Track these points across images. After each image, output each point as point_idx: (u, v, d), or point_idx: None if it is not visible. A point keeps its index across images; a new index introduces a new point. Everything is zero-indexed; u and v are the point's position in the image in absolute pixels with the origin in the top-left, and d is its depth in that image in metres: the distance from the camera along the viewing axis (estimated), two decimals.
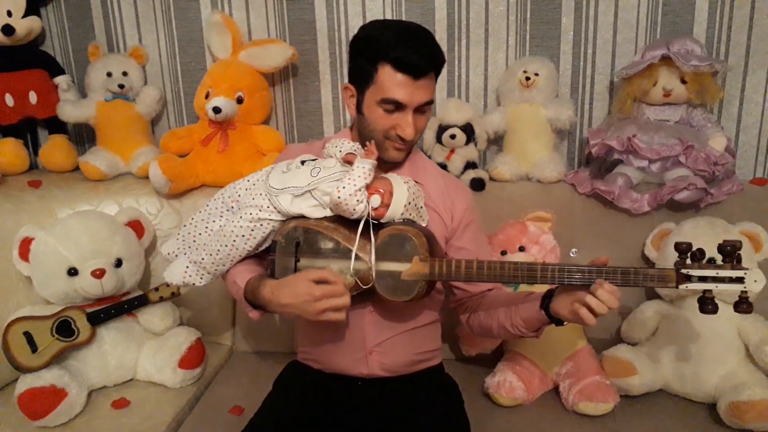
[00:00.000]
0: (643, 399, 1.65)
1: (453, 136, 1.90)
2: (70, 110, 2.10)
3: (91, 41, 2.18)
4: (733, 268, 1.18)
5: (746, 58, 1.92)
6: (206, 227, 1.49)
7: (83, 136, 2.32)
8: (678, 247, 1.20)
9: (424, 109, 1.36)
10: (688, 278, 1.19)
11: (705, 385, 1.60)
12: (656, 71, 1.82)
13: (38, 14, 2.13)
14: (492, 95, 2.07)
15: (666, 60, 1.80)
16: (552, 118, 1.93)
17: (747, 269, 1.17)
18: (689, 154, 1.76)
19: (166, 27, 2.16)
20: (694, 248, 1.20)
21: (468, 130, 1.92)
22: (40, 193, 2.00)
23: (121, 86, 2.08)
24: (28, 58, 2.15)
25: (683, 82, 1.81)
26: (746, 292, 1.18)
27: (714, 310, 1.20)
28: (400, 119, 1.34)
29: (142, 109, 2.13)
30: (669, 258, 1.66)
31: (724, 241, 1.19)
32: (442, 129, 1.93)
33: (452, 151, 1.94)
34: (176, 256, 1.52)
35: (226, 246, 1.42)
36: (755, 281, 1.17)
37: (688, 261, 1.20)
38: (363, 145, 1.42)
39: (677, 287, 1.20)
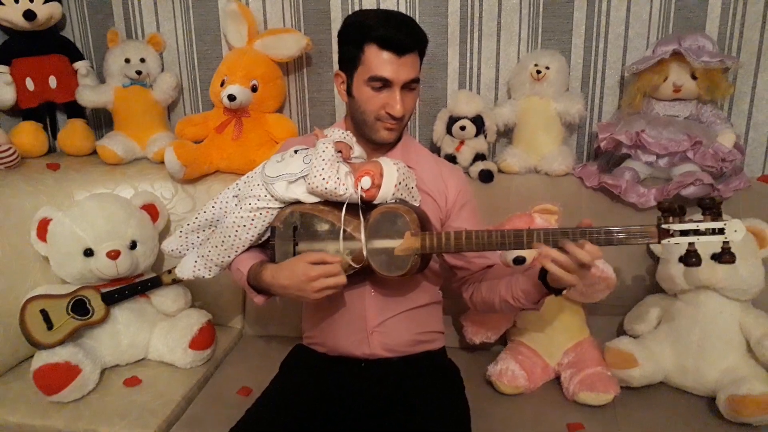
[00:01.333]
0: (643, 391, 1.67)
1: (463, 128, 1.92)
2: (88, 95, 2.15)
3: (110, 28, 2.22)
4: (713, 220, 1.21)
5: (758, 55, 1.91)
6: (210, 224, 1.56)
7: (101, 121, 2.37)
8: (660, 206, 1.25)
9: (412, 86, 1.42)
10: (669, 233, 1.23)
11: (706, 379, 1.61)
12: (667, 66, 1.82)
13: (59, 0, 2.17)
14: (503, 88, 2.08)
15: (677, 55, 1.81)
16: (562, 111, 1.94)
17: (727, 219, 1.20)
18: (697, 149, 1.76)
19: (184, 15, 2.19)
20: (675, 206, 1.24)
21: (478, 122, 1.93)
22: (58, 176, 2.05)
23: (139, 72, 2.12)
24: (48, 43, 2.19)
25: (694, 77, 1.82)
26: (728, 242, 1.21)
27: (697, 262, 1.25)
28: (389, 97, 1.40)
29: (158, 95, 2.17)
30: (674, 252, 1.68)
31: (703, 196, 1.23)
32: (452, 120, 1.95)
33: (462, 142, 1.96)
34: (179, 252, 1.59)
35: (229, 237, 1.47)
36: (735, 231, 1.20)
37: (671, 218, 1.24)
38: (357, 130, 1.49)
39: (659, 242, 1.24)
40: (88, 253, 1.77)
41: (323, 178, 1.36)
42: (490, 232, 1.32)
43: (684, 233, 1.23)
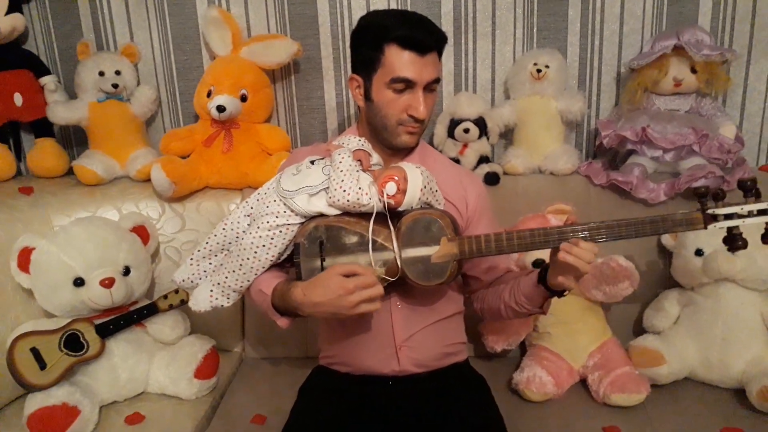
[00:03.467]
0: (670, 388, 1.66)
1: (467, 131, 1.87)
2: (61, 112, 1.99)
3: (78, 39, 2.06)
4: (756, 202, 1.21)
5: (749, 47, 1.94)
6: (222, 249, 1.45)
7: (71, 139, 2.21)
8: (697, 191, 1.24)
9: (432, 87, 1.38)
10: (715, 218, 1.22)
11: (732, 371, 1.61)
12: (667, 61, 1.83)
13: (20, 11, 2.01)
14: (500, 88, 2.05)
15: (676, 50, 1.81)
16: (563, 110, 1.92)
17: None
18: (703, 142, 1.77)
19: (160, 23, 2.06)
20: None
21: (481, 123, 1.89)
22: (33, 200, 1.89)
23: (115, 86, 1.98)
24: (11, 58, 2.02)
25: (693, 71, 1.83)
26: None
27: (744, 245, 1.24)
28: (411, 99, 1.35)
29: (137, 109, 2.03)
30: (688, 246, 1.68)
31: (742, 178, 1.22)
32: (454, 123, 1.90)
33: (465, 145, 1.91)
34: (191, 282, 1.47)
35: (248, 259, 1.37)
36: None
37: (710, 202, 1.23)
38: (375, 136, 1.42)
39: (706, 227, 1.23)
40: (79, 282, 1.63)
41: (344, 190, 1.28)
42: (532, 231, 1.27)
43: (728, 217, 1.22)
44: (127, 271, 1.69)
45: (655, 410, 1.58)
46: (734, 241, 1.23)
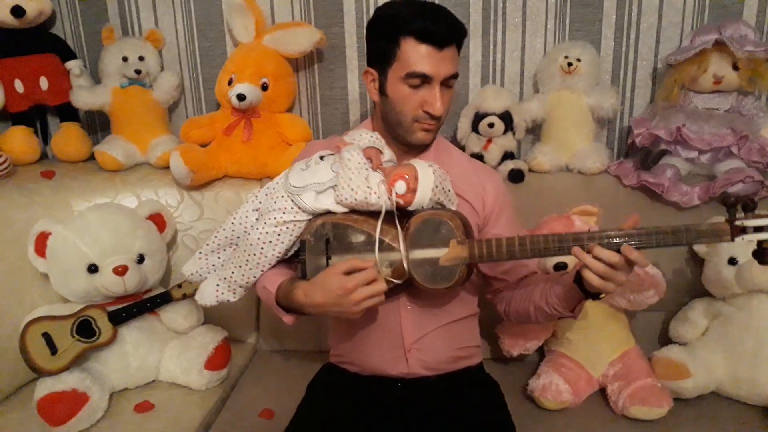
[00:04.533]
0: (695, 402, 1.57)
1: (491, 125, 1.81)
2: (84, 97, 1.99)
3: (104, 24, 2.06)
4: None
5: None
6: (230, 243, 1.43)
7: (96, 124, 2.22)
8: (726, 200, 1.15)
9: (450, 83, 1.32)
10: (743, 230, 1.13)
11: (762, 388, 1.52)
12: (707, 57, 1.72)
13: None
14: (528, 82, 1.97)
15: (717, 45, 1.71)
16: (594, 106, 1.84)
17: None
18: (743, 144, 1.67)
19: (184, 9, 2.04)
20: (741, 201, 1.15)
21: (506, 118, 1.82)
22: (54, 185, 1.89)
23: (138, 72, 1.97)
24: (38, 41, 2.03)
25: (735, 68, 1.72)
26: None
27: None
28: (427, 95, 1.29)
29: (159, 95, 2.02)
30: (721, 254, 1.59)
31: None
32: (478, 117, 1.83)
33: (489, 140, 1.85)
34: (200, 275, 1.45)
35: (254, 255, 1.34)
36: None
37: (740, 213, 1.14)
38: (389, 131, 1.37)
39: (733, 240, 1.14)
40: (93, 269, 1.63)
41: (351, 189, 1.24)
42: (546, 237, 1.21)
43: (758, 229, 1.13)
44: (141, 259, 1.69)
45: (677, 426, 1.50)
46: (764, 255, 1.14)
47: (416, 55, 1.26)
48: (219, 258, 1.44)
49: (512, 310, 1.45)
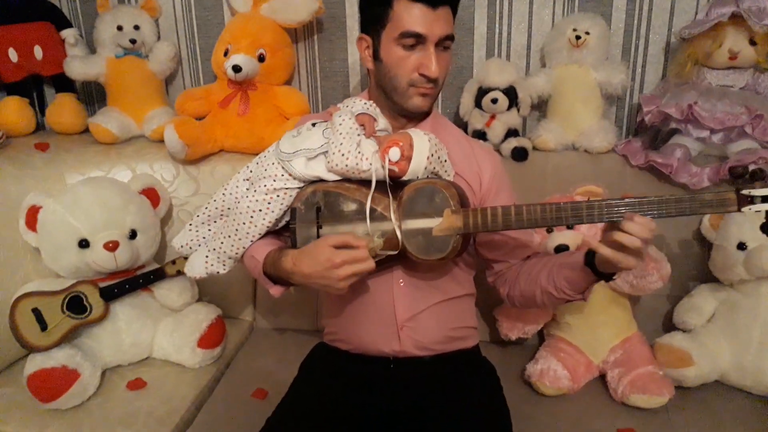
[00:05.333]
0: (697, 391, 1.53)
1: (495, 101, 1.74)
2: (78, 67, 1.94)
3: None
4: None
5: None
6: (221, 214, 1.40)
7: (92, 95, 2.18)
8: (733, 171, 1.10)
9: (446, 44, 1.27)
10: (751, 200, 1.08)
11: (767, 378, 1.48)
12: (722, 31, 1.64)
13: None
14: (535, 56, 1.89)
15: (734, 18, 1.62)
16: (603, 81, 1.77)
17: None
18: (757, 124, 1.59)
19: None
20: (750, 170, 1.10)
21: (511, 93, 1.76)
22: (48, 157, 1.86)
23: (133, 41, 1.92)
24: (32, 9, 1.98)
25: (752, 43, 1.64)
26: None
27: None
28: (423, 57, 1.25)
29: (155, 66, 1.97)
30: (730, 238, 1.54)
31: None
32: (482, 92, 1.77)
33: (492, 116, 1.78)
34: (189, 248, 1.43)
35: (243, 224, 1.31)
36: None
37: (748, 183, 1.09)
38: (385, 100, 1.33)
39: (740, 209, 1.09)
40: (84, 244, 1.60)
41: (342, 154, 1.20)
42: (543, 206, 1.16)
43: (766, 199, 1.08)
44: (133, 235, 1.66)
45: (678, 415, 1.46)
46: None
47: (409, 14, 1.23)
48: (210, 230, 1.42)
49: (516, 293, 1.40)
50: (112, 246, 1.59)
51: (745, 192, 1.08)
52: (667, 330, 1.63)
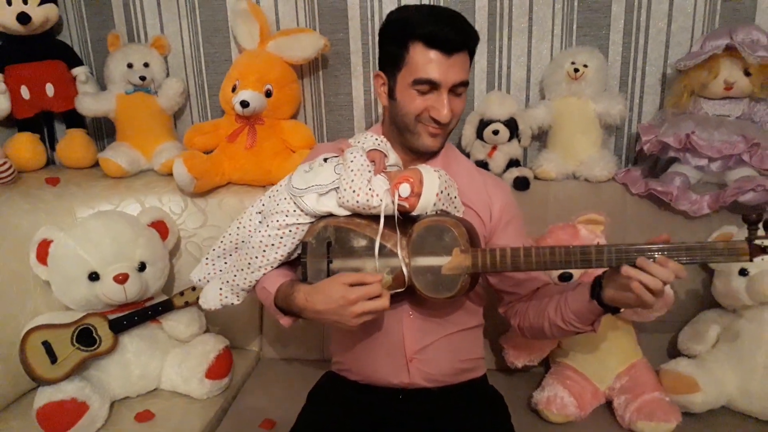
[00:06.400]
0: (704, 417, 1.53)
1: (496, 132, 1.78)
2: (89, 103, 1.99)
3: (110, 30, 2.06)
4: None
5: None
6: (236, 247, 1.42)
7: (102, 131, 2.22)
8: (747, 218, 1.10)
9: (459, 91, 1.29)
10: (763, 250, 1.10)
11: None
12: (717, 63, 1.69)
13: (55, 2, 2.02)
14: (535, 88, 1.94)
15: (728, 50, 1.67)
16: (602, 112, 1.81)
17: None
18: (754, 152, 1.63)
19: (190, 16, 2.04)
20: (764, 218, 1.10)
21: (511, 125, 1.80)
22: (58, 191, 1.89)
23: (143, 78, 1.97)
24: (44, 48, 2.04)
25: (747, 74, 1.68)
26: None
27: None
28: (435, 101, 1.27)
29: (164, 102, 2.01)
30: (732, 265, 1.55)
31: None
32: (483, 124, 1.81)
33: (494, 147, 1.82)
34: (207, 281, 1.44)
35: (256, 258, 1.33)
36: None
37: (760, 232, 1.10)
38: (397, 137, 1.35)
39: (752, 260, 1.11)
40: (94, 277, 1.62)
41: (353, 191, 1.22)
42: (553, 249, 1.18)
43: None
44: (142, 267, 1.68)
45: None
46: None
47: (424, 60, 1.24)
48: (225, 263, 1.44)
49: (526, 325, 1.41)
50: (121, 278, 1.61)
51: (758, 242, 1.10)
52: (672, 356, 1.64)
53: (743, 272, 1.53)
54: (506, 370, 1.74)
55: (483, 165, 1.83)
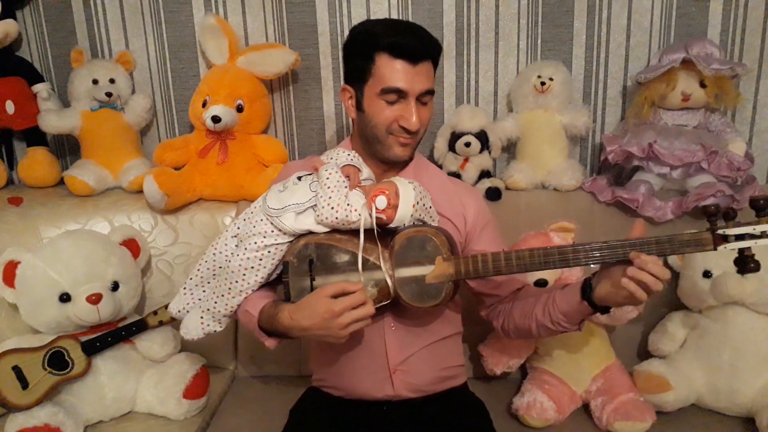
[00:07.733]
0: (675, 415, 1.59)
1: (468, 144, 1.82)
2: (53, 121, 1.94)
3: (72, 46, 2.02)
4: None
5: (760, 61, 1.88)
6: (213, 274, 1.39)
7: (64, 148, 2.16)
8: (706, 210, 1.17)
9: (425, 99, 1.32)
10: (725, 238, 1.16)
11: (741, 399, 1.55)
12: (675, 75, 1.77)
13: (14, 17, 1.97)
14: (502, 101, 1.99)
15: (685, 63, 1.76)
16: (568, 124, 1.87)
17: None
18: (712, 159, 1.71)
19: (156, 31, 2.01)
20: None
21: (482, 137, 1.84)
22: (21, 211, 1.84)
23: (109, 94, 1.93)
24: (3, 64, 1.97)
25: (702, 86, 1.77)
26: None
27: (757, 267, 1.17)
28: (403, 110, 1.30)
29: (131, 118, 1.98)
30: (695, 267, 1.62)
31: (754, 195, 1.17)
32: (455, 137, 1.85)
33: (466, 159, 1.86)
34: (187, 312, 1.41)
35: (236, 282, 1.32)
36: None
37: (720, 222, 1.17)
38: (367, 149, 1.37)
39: (716, 249, 1.17)
40: (65, 298, 1.57)
41: (332, 207, 1.23)
42: (532, 251, 1.22)
43: (739, 237, 1.16)
44: (115, 287, 1.64)
45: None
46: (746, 263, 1.17)
47: (390, 70, 1.27)
48: (204, 291, 1.40)
49: (511, 327, 1.43)
50: (95, 299, 1.57)
51: (720, 232, 1.16)
52: (642, 357, 1.70)
53: (707, 274, 1.60)
54: (484, 377, 1.77)
55: (456, 176, 1.85)
